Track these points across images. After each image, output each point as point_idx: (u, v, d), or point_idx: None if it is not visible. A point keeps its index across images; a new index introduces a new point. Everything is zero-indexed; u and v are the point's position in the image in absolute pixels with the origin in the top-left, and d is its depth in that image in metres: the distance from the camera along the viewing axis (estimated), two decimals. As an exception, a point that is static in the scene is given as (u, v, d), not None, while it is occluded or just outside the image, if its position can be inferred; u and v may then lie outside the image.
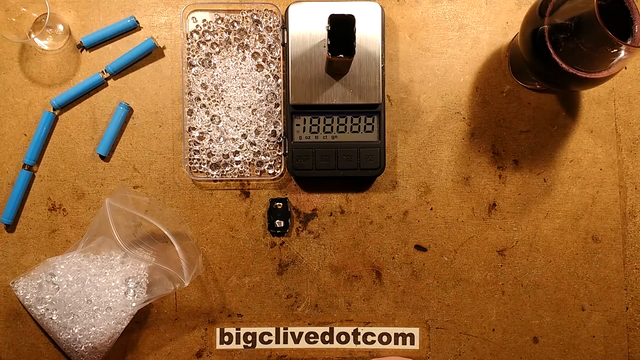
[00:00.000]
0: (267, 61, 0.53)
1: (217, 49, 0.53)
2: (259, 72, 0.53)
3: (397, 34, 0.54)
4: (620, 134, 0.53)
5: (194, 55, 0.53)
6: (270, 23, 0.53)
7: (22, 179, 0.53)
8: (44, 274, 0.50)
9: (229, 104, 0.53)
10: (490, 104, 0.54)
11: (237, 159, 0.53)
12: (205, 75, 0.53)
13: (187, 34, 0.53)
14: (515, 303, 0.53)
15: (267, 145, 0.53)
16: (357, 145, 0.51)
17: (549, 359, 0.53)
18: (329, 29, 0.42)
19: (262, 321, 0.53)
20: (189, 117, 0.53)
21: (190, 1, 0.53)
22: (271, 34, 0.53)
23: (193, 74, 0.53)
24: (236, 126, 0.53)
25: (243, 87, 0.53)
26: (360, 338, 0.53)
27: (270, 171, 0.53)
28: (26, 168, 0.53)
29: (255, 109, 0.53)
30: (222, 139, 0.53)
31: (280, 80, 0.53)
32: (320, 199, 0.54)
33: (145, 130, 0.54)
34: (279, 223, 0.53)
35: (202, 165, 0.53)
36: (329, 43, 0.43)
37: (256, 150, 0.53)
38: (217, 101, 0.53)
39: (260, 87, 0.53)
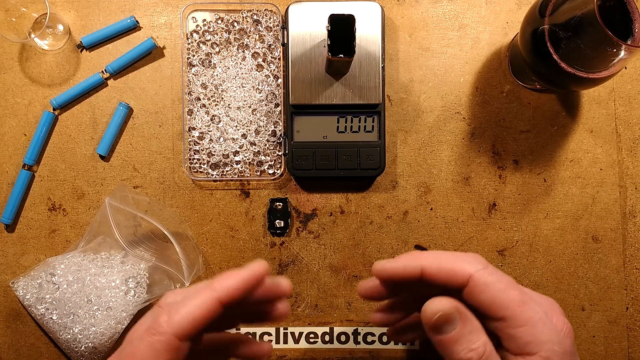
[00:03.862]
0: (267, 61, 0.53)
1: (217, 49, 0.53)
2: (259, 72, 0.53)
3: (397, 34, 0.54)
4: (620, 134, 0.53)
5: (194, 55, 0.53)
6: (270, 23, 0.53)
7: (22, 179, 0.53)
8: (44, 273, 0.50)
9: (229, 104, 0.53)
10: (490, 104, 0.54)
11: (237, 159, 0.53)
12: (205, 75, 0.53)
13: (187, 34, 0.53)
14: (515, 303, 0.53)
15: (267, 145, 0.53)
16: (357, 145, 0.51)
17: (549, 359, 0.53)
18: (329, 29, 0.42)
19: (262, 321, 0.53)
20: (189, 117, 0.53)
21: (190, 1, 0.53)
22: (271, 34, 0.53)
23: (193, 74, 0.53)
24: (236, 126, 0.53)
25: (243, 87, 0.53)
26: (360, 338, 0.53)
27: (270, 171, 0.53)
28: (26, 168, 0.53)
29: (255, 109, 0.53)
30: (222, 139, 0.53)
31: (280, 80, 0.53)
32: (320, 199, 0.54)
33: (145, 130, 0.54)
34: (279, 223, 0.53)
35: (202, 165, 0.53)
36: (329, 43, 0.43)
37: (256, 150, 0.53)
38: (217, 101, 0.53)
39: (260, 87, 0.53)
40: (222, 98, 0.53)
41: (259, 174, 0.53)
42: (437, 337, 0.31)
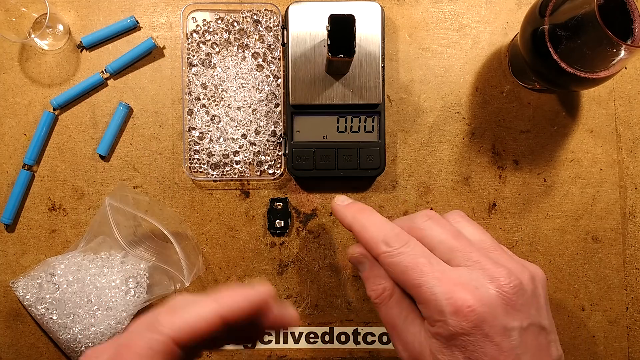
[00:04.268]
0: (267, 61, 0.53)
1: (217, 49, 0.53)
2: (259, 72, 0.53)
3: (397, 34, 0.54)
4: (620, 134, 0.53)
5: (194, 55, 0.53)
6: (270, 23, 0.53)
7: (22, 179, 0.53)
8: (44, 273, 0.50)
9: (229, 104, 0.53)
10: (490, 104, 0.54)
11: (237, 159, 0.53)
12: (205, 75, 0.53)
13: (187, 34, 0.53)
14: (515, 303, 0.53)
15: (267, 145, 0.53)
16: (357, 145, 0.51)
17: (549, 359, 0.53)
18: (329, 29, 0.42)
19: (262, 321, 0.53)
20: (189, 117, 0.53)
21: (190, 1, 0.53)
22: (271, 34, 0.53)
23: (193, 74, 0.53)
24: (236, 126, 0.53)
25: (243, 87, 0.53)
26: (360, 338, 0.53)
27: (270, 171, 0.53)
28: (26, 168, 0.53)
29: (255, 109, 0.53)
30: (222, 139, 0.53)
31: (280, 80, 0.53)
32: (320, 199, 0.54)
33: (145, 130, 0.54)
34: (279, 223, 0.53)
35: (202, 165, 0.53)
36: (329, 43, 0.43)
37: (256, 150, 0.53)
38: (217, 101, 0.53)
39: (260, 87, 0.53)
40: (222, 98, 0.53)
41: (259, 174, 0.53)
42: (359, 273, 0.39)
